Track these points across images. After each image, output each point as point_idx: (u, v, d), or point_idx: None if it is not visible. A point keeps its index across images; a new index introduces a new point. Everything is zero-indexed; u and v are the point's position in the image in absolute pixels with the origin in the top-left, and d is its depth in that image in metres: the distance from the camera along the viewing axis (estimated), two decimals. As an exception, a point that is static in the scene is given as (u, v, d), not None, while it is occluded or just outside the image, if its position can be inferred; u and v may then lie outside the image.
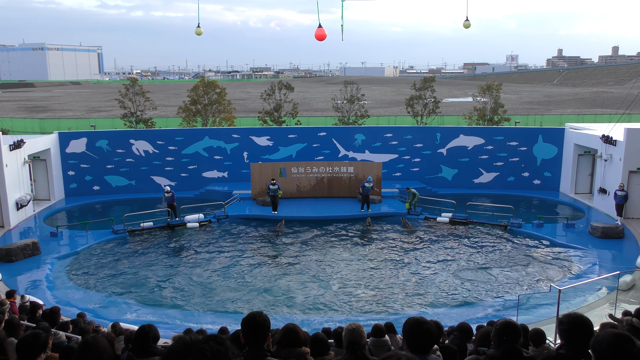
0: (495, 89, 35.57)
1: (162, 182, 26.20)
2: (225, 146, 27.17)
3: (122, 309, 13.72)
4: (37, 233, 20.21)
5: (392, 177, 27.02)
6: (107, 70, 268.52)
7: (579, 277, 15.38)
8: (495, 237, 19.98)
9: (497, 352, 4.08)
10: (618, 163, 21.24)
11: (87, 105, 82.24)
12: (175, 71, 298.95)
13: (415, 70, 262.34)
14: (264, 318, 3.50)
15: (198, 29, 14.67)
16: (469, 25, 14.60)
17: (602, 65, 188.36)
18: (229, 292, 15.02)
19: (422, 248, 18.82)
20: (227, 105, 36.03)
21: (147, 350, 4.83)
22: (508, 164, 26.96)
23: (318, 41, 12.07)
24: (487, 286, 15.32)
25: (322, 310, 13.84)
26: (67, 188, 26.05)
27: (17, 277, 15.71)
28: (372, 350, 5.77)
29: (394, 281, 15.75)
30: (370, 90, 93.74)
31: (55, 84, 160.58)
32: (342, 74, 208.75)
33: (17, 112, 67.15)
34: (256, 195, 23.96)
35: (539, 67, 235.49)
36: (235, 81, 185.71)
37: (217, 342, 1.93)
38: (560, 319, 3.55)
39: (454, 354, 5.98)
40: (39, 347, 4.21)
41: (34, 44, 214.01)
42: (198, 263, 17.45)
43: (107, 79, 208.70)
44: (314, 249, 18.71)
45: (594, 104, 76.79)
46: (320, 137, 27.54)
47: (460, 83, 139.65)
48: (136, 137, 26.95)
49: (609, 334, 2.76)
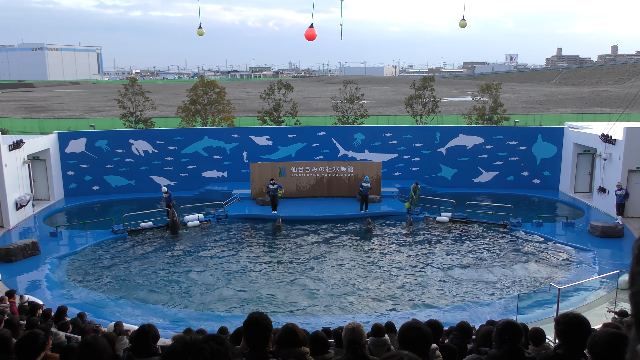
0: (494, 88, 35.53)
1: (161, 182, 26.18)
2: (224, 146, 27.17)
3: (121, 308, 13.72)
4: (37, 233, 20.21)
5: (391, 176, 27.04)
6: (107, 70, 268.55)
7: (578, 276, 15.42)
8: (494, 236, 19.99)
9: (498, 352, 4.08)
10: (617, 162, 21.25)
11: (87, 105, 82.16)
12: (175, 71, 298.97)
13: (414, 70, 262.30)
14: (267, 321, 3.46)
15: (200, 29, 14.71)
16: (464, 25, 14.63)
17: (601, 64, 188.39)
18: (228, 292, 15.02)
19: (421, 248, 18.82)
20: (226, 105, 35.99)
21: (146, 350, 4.83)
22: (507, 163, 26.98)
23: (308, 41, 12.07)
24: (486, 285, 15.33)
25: (321, 309, 13.85)
26: (67, 188, 26.04)
27: (16, 277, 15.72)
28: (372, 350, 5.77)
29: (394, 280, 15.76)
30: (370, 89, 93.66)
31: (54, 84, 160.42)
32: (341, 74, 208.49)
33: (16, 112, 67.09)
34: (256, 195, 23.96)
35: (538, 66, 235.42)
36: (234, 81, 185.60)
37: (216, 342, 1.92)
38: (556, 319, 3.54)
39: (453, 353, 5.99)
40: (38, 347, 4.21)
41: (33, 44, 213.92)
42: (198, 263, 17.44)
43: (106, 79, 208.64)
44: (314, 249, 18.70)
45: (594, 103, 76.80)
46: (319, 136, 27.54)
47: (459, 82, 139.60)
48: (136, 137, 26.95)
49: (606, 334, 2.74)
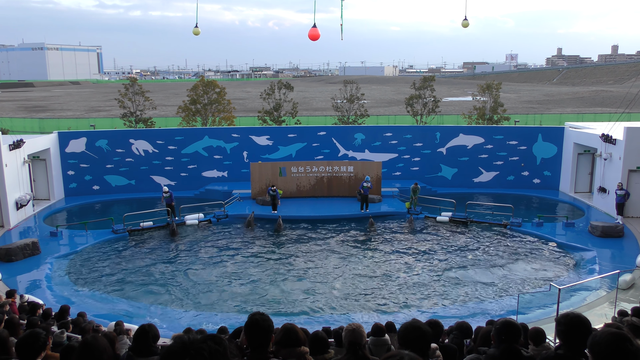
0: (494, 88, 35.55)
1: (161, 182, 26.19)
2: (225, 146, 27.17)
3: (121, 308, 13.72)
4: (37, 233, 20.21)
5: (392, 176, 27.03)
6: (107, 70, 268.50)
7: (578, 276, 15.42)
8: (495, 236, 19.98)
9: (496, 351, 4.08)
10: (618, 162, 21.23)
11: (87, 105, 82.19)
12: (175, 71, 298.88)
13: (414, 70, 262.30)
14: (268, 322, 3.46)
15: (196, 29, 14.70)
16: (467, 25, 14.66)
17: (601, 64, 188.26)
18: (228, 292, 15.03)
19: (422, 247, 18.81)
20: (226, 105, 36.00)
21: (146, 350, 4.83)
22: (508, 163, 26.97)
23: (311, 41, 12.12)
24: (486, 285, 15.32)
25: (321, 309, 13.84)
26: (67, 188, 26.04)
27: (16, 277, 15.72)
28: (372, 350, 5.77)
29: (394, 280, 15.76)
30: (370, 89, 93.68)
31: (54, 84, 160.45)
32: (341, 74, 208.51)
33: (16, 112, 67.11)
34: (256, 195, 23.96)
35: (539, 66, 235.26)
36: (234, 80, 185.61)
37: (215, 342, 1.93)
38: (557, 320, 3.53)
39: (453, 353, 5.99)
40: (39, 346, 4.21)
41: (33, 44, 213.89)
42: (198, 263, 17.44)
43: (106, 79, 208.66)
44: (314, 249, 18.69)
45: (594, 102, 76.78)
46: (320, 136, 27.54)
47: (459, 82, 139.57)
48: (136, 136, 26.95)
49: (606, 334, 2.73)
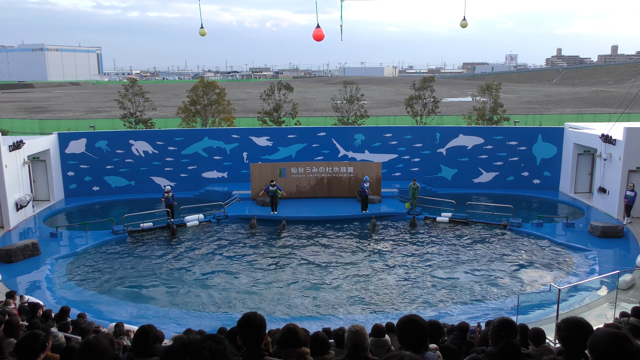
0: (494, 88, 35.55)
1: (161, 183, 26.20)
2: (224, 146, 27.18)
3: (122, 309, 13.72)
4: (37, 234, 20.21)
5: (391, 177, 27.03)
6: (107, 71, 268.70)
7: (578, 277, 15.41)
8: (494, 236, 19.98)
9: (495, 348, 4.09)
10: (617, 162, 21.23)
11: (87, 105, 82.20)
12: (175, 72, 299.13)
13: (414, 70, 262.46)
14: (260, 318, 3.49)
15: (202, 29, 14.72)
16: (466, 25, 14.66)
17: (601, 64, 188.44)
18: (228, 293, 15.02)
19: (422, 248, 18.81)
20: (226, 106, 36.01)
21: (146, 351, 4.83)
22: (507, 163, 26.97)
23: (316, 41, 12.13)
24: (486, 286, 15.32)
25: (322, 310, 13.84)
26: (67, 189, 26.04)
27: (16, 278, 15.71)
28: (372, 350, 5.76)
29: (394, 281, 15.75)
30: (370, 90, 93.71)
31: (54, 85, 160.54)
32: (341, 74, 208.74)
33: (16, 113, 67.10)
34: (256, 196, 23.96)
35: (538, 66, 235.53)
36: (234, 81, 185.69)
37: (215, 342, 1.93)
38: (558, 325, 3.51)
39: (453, 353, 5.99)
40: (39, 347, 4.21)
41: (33, 45, 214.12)
42: (198, 263, 17.44)
43: (106, 80, 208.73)
44: (314, 249, 18.69)
45: (593, 103, 76.81)
46: (319, 137, 27.54)
47: (459, 83, 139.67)
48: (136, 137, 26.96)
49: (606, 334, 2.73)
